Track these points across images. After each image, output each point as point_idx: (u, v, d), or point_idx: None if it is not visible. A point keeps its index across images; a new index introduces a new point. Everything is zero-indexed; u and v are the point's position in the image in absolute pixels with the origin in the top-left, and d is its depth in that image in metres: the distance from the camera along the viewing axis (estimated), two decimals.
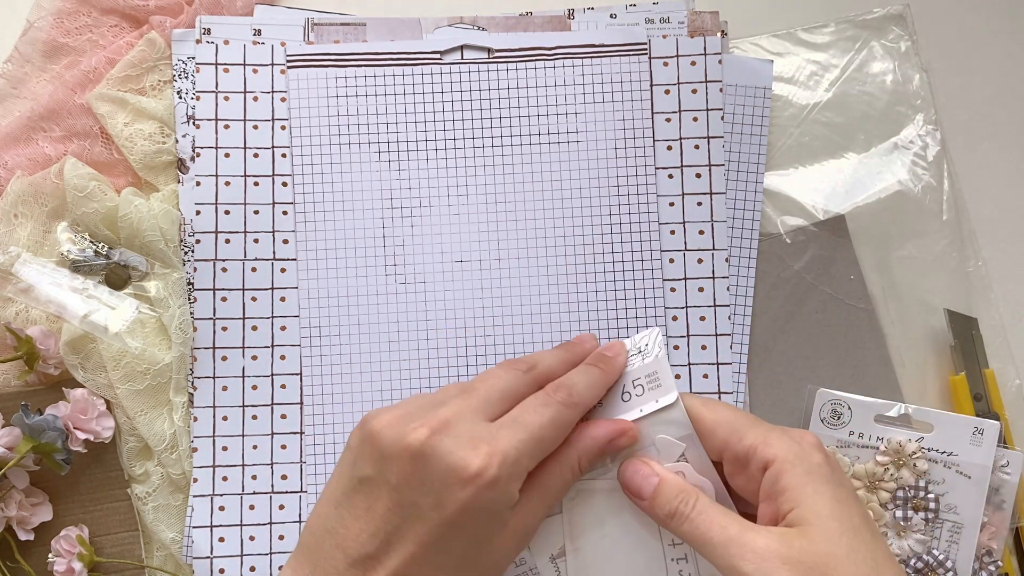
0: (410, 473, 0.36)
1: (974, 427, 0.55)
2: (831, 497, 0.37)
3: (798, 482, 0.37)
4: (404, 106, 0.59)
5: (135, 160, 0.58)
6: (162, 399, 0.56)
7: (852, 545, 0.36)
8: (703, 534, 0.37)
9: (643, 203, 0.59)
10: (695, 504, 0.38)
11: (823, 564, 0.35)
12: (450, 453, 0.36)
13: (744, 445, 0.39)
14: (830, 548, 0.35)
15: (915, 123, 0.62)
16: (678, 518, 0.38)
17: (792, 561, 0.35)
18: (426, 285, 0.58)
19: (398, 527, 0.36)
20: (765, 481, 0.38)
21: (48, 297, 0.55)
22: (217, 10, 0.59)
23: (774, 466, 0.38)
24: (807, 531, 0.36)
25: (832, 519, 0.36)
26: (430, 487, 0.36)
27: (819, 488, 0.37)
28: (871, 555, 0.36)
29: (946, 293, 0.60)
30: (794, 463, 0.37)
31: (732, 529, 0.37)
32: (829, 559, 0.35)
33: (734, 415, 0.40)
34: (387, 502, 0.36)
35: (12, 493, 0.53)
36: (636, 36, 0.60)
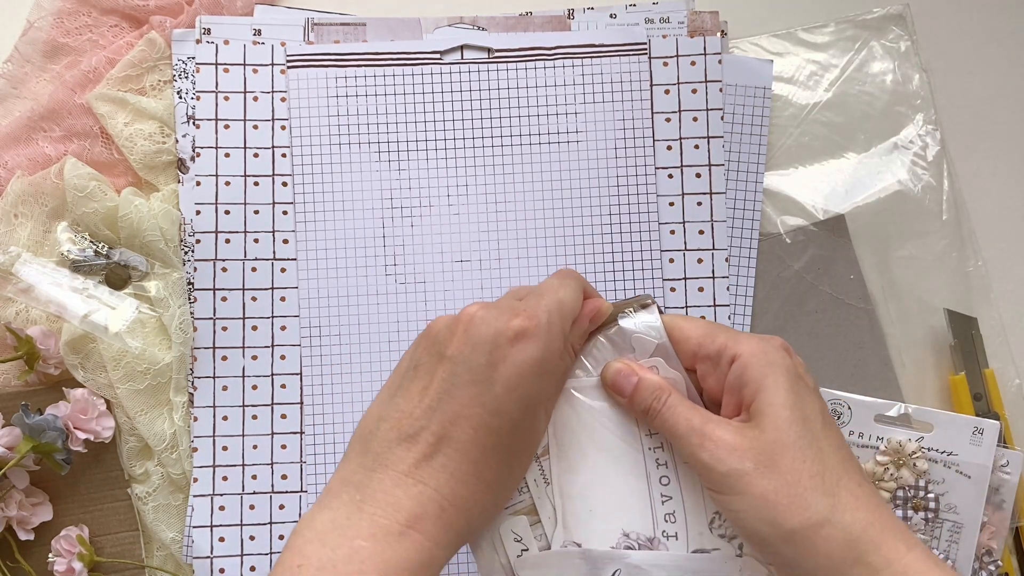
0: (462, 341, 0.38)
1: (974, 427, 0.55)
2: (787, 389, 0.39)
3: (759, 374, 0.40)
4: (404, 106, 0.59)
5: (135, 160, 0.58)
6: (162, 399, 0.56)
7: (799, 433, 0.38)
8: (671, 426, 0.40)
9: (643, 203, 0.59)
10: (666, 400, 0.41)
11: (770, 451, 0.38)
12: (495, 319, 0.38)
13: (716, 344, 0.41)
14: (778, 436, 0.38)
15: (915, 123, 0.62)
16: (651, 413, 0.41)
17: (742, 448, 0.38)
18: (426, 285, 0.58)
19: (452, 394, 0.38)
20: (731, 374, 0.41)
21: (48, 297, 0.55)
22: (217, 10, 0.59)
23: (740, 360, 0.40)
24: (760, 421, 0.39)
25: (784, 408, 0.39)
26: (482, 348, 0.38)
27: (777, 380, 0.39)
28: (817, 443, 0.38)
29: (946, 293, 0.60)
30: (758, 356, 0.40)
31: (695, 421, 0.40)
32: (776, 446, 0.38)
33: (710, 324, 0.43)
34: (442, 373, 0.38)
35: (12, 493, 0.53)
36: (636, 36, 0.60)
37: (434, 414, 0.38)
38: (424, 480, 0.37)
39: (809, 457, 0.38)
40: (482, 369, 0.38)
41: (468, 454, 0.37)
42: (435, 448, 0.37)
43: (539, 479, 0.43)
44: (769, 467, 0.38)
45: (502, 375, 0.38)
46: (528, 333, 0.38)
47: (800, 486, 0.37)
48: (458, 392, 0.38)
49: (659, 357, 0.43)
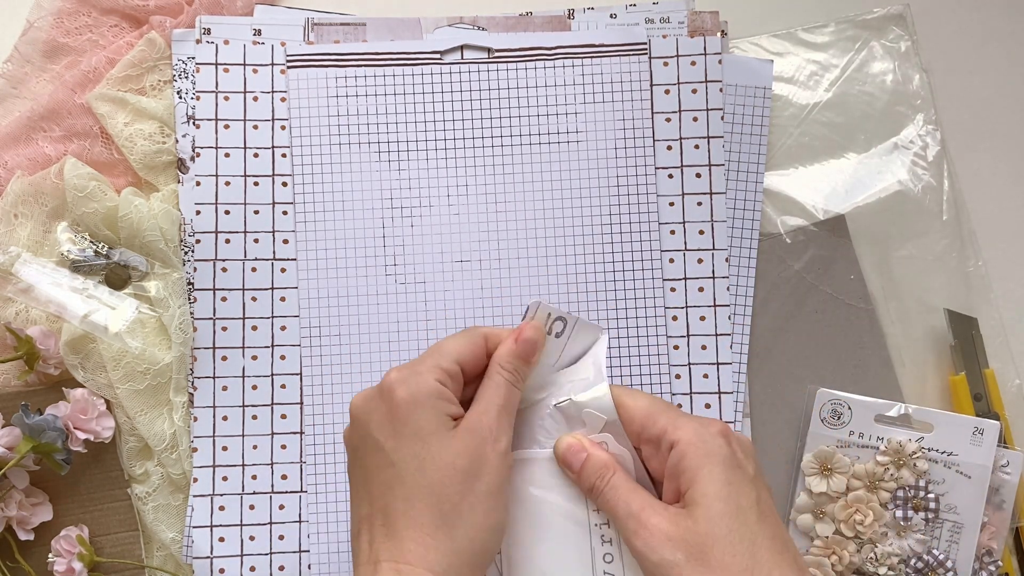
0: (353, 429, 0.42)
1: (974, 427, 0.55)
2: (722, 480, 0.39)
3: (695, 464, 0.40)
4: (404, 106, 0.59)
5: (135, 160, 0.58)
6: (162, 399, 0.56)
7: (730, 526, 0.38)
8: (612, 507, 0.41)
9: (643, 203, 0.59)
10: (610, 479, 0.41)
11: (701, 543, 0.38)
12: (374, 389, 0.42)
13: (657, 428, 0.41)
14: (710, 528, 0.38)
15: (915, 123, 0.62)
16: (595, 492, 0.42)
17: (675, 539, 0.38)
18: (426, 285, 0.58)
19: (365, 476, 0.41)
20: (669, 461, 0.41)
21: (48, 297, 0.55)
22: (217, 10, 0.59)
23: (678, 447, 0.40)
24: (694, 511, 0.39)
25: (718, 500, 0.39)
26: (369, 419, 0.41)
27: (712, 470, 0.39)
28: (750, 536, 0.38)
29: (946, 293, 0.60)
30: (696, 445, 0.40)
31: (634, 505, 0.40)
32: (707, 539, 0.38)
33: (652, 402, 0.43)
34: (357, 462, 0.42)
35: (12, 493, 0.53)
36: (636, 36, 0.60)
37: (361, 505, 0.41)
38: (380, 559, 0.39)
39: (740, 551, 0.38)
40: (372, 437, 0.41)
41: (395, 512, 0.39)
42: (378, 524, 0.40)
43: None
44: (700, 560, 0.38)
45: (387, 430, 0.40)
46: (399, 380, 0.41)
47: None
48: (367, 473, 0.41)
49: (608, 433, 0.43)
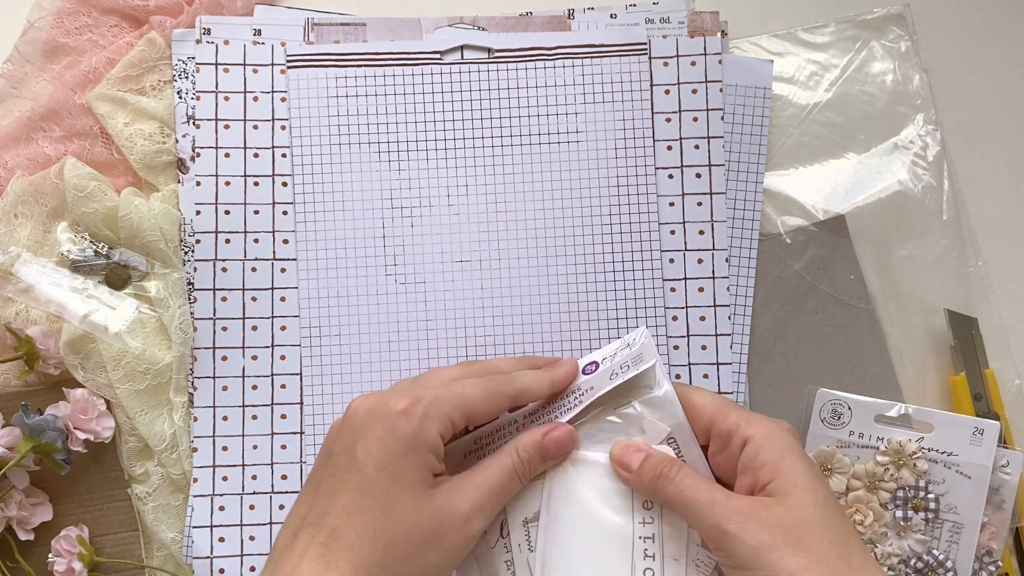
0: (346, 434, 0.39)
1: (974, 427, 0.55)
2: (807, 472, 0.40)
3: (777, 456, 0.40)
4: (404, 106, 0.59)
5: (135, 160, 0.58)
6: (162, 399, 0.56)
7: (823, 515, 0.39)
8: (689, 496, 0.40)
9: (643, 203, 0.59)
10: (680, 469, 0.41)
11: (798, 529, 0.38)
12: (378, 404, 0.39)
13: (728, 422, 0.41)
14: (805, 515, 0.38)
15: (915, 123, 0.62)
16: (663, 480, 0.40)
17: (771, 524, 0.38)
18: (426, 285, 0.58)
19: (334, 487, 0.39)
20: (745, 455, 0.41)
21: (48, 297, 0.55)
22: (217, 10, 0.59)
23: (754, 442, 0.40)
24: (785, 500, 0.39)
25: (808, 490, 0.39)
26: (360, 434, 0.39)
27: (795, 463, 0.40)
28: (839, 525, 0.39)
29: (946, 293, 0.60)
30: (773, 440, 0.40)
31: (716, 493, 0.40)
32: (804, 525, 0.38)
33: (719, 398, 0.43)
34: (330, 468, 0.39)
35: (12, 493, 0.53)
36: (636, 36, 0.60)
37: (320, 507, 0.38)
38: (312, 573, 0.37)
39: (834, 539, 0.38)
40: (356, 454, 0.38)
41: (345, 540, 0.37)
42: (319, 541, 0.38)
43: (523, 544, 0.42)
44: (798, 545, 0.37)
45: (372, 454, 0.38)
46: (404, 412, 0.39)
47: (829, 566, 0.37)
48: (336, 484, 0.38)
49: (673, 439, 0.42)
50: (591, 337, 0.57)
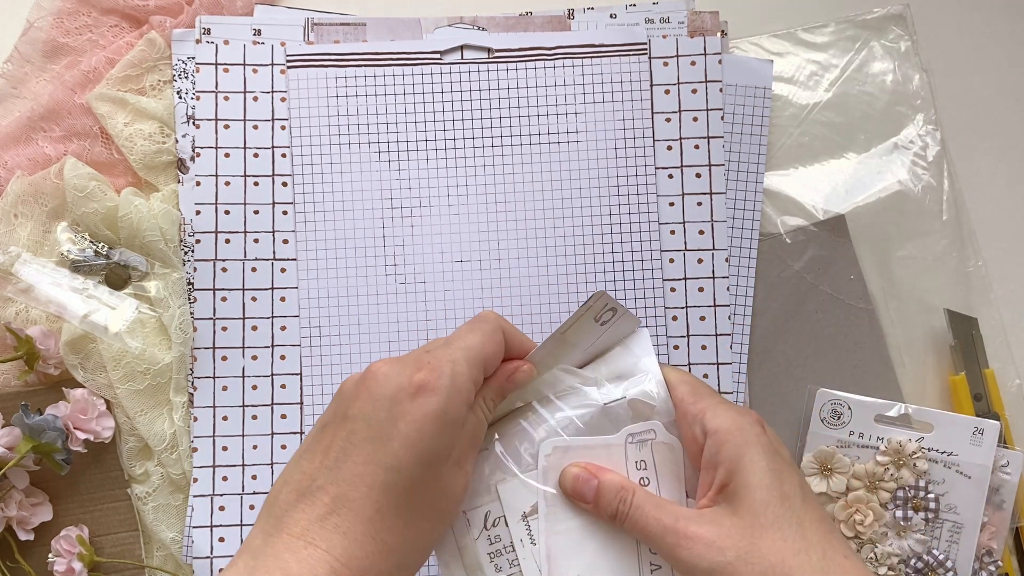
0: (365, 400, 0.38)
1: (974, 427, 0.55)
2: (762, 468, 0.38)
3: (735, 454, 0.39)
4: (404, 106, 0.59)
5: (135, 160, 0.58)
6: (162, 399, 0.56)
7: (777, 512, 0.38)
8: (642, 528, 0.39)
9: (643, 203, 0.59)
10: (632, 500, 0.40)
11: (750, 536, 0.37)
12: (398, 374, 0.38)
13: (698, 407, 0.41)
14: (755, 519, 0.37)
15: (915, 123, 0.62)
16: (619, 518, 0.40)
17: (720, 539, 0.37)
18: (426, 285, 0.58)
19: (349, 453, 0.37)
20: (706, 451, 0.40)
21: (48, 297, 0.55)
22: (217, 10, 0.59)
23: (715, 436, 0.39)
24: (737, 505, 0.38)
25: (760, 489, 0.38)
26: (382, 404, 0.37)
27: (753, 459, 0.39)
28: (797, 519, 0.38)
29: (946, 293, 0.60)
30: (734, 433, 0.39)
31: (667, 520, 0.39)
32: (755, 529, 0.37)
33: (692, 380, 0.42)
34: (343, 432, 0.38)
35: (12, 493, 0.53)
36: (636, 36, 0.60)
37: (331, 473, 0.37)
38: (316, 542, 0.36)
39: (790, 535, 0.37)
40: (381, 425, 0.37)
41: (362, 513, 0.36)
42: (330, 508, 0.36)
43: (525, 539, 0.41)
44: (750, 553, 0.37)
45: (400, 431, 0.37)
46: (429, 387, 0.37)
47: (786, 565, 0.37)
48: (355, 451, 0.37)
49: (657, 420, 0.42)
50: None
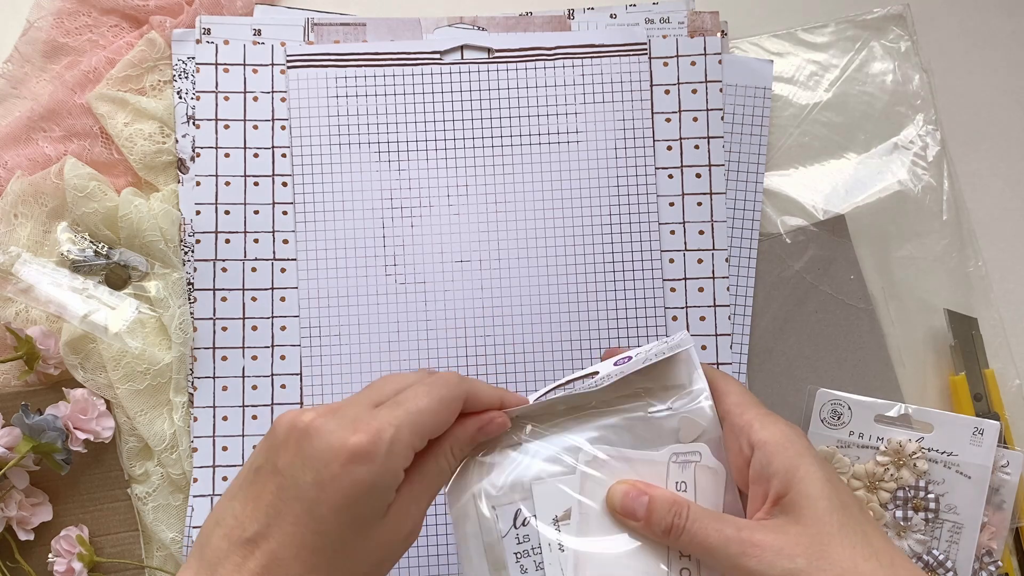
0: (294, 454, 0.37)
1: (974, 427, 0.55)
2: (820, 478, 0.38)
3: (789, 465, 0.39)
4: (404, 106, 0.59)
5: (135, 160, 0.58)
6: (162, 399, 0.56)
7: (842, 521, 0.38)
8: (702, 541, 0.38)
9: (643, 203, 0.59)
10: (688, 514, 0.39)
11: (819, 544, 0.37)
12: (331, 433, 0.36)
13: (744, 419, 0.40)
14: (822, 528, 0.37)
15: (915, 123, 0.62)
16: (675, 532, 0.39)
17: (790, 548, 0.37)
18: (426, 285, 0.58)
19: (279, 509, 0.36)
20: (755, 463, 0.39)
21: (48, 297, 0.55)
22: (217, 10, 0.59)
23: (764, 448, 0.39)
24: (800, 516, 0.38)
25: (822, 499, 0.38)
26: (311, 465, 0.36)
27: (808, 471, 0.38)
28: (860, 528, 0.38)
29: (946, 293, 0.60)
30: (784, 446, 0.39)
31: (728, 530, 0.38)
32: (824, 538, 0.37)
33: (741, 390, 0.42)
34: (273, 486, 0.37)
35: (12, 493, 0.53)
36: (636, 36, 0.60)
37: (262, 528, 0.36)
38: None
39: (856, 542, 0.37)
40: (308, 487, 0.36)
41: (291, 571, 0.36)
42: (261, 564, 0.36)
43: (554, 544, 0.40)
44: (821, 559, 0.37)
45: (328, 496, 0.36)
46: (363, 453, 0.36)
47: (858, 571, 0.36)
48: (285, 508, 0.36)
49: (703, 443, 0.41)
50: (591, 337, 0.57)
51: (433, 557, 0.55)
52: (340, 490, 0.36)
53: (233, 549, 0.36)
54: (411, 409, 0.38)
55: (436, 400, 0.39)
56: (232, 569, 0.36)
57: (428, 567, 0.55)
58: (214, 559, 0.36)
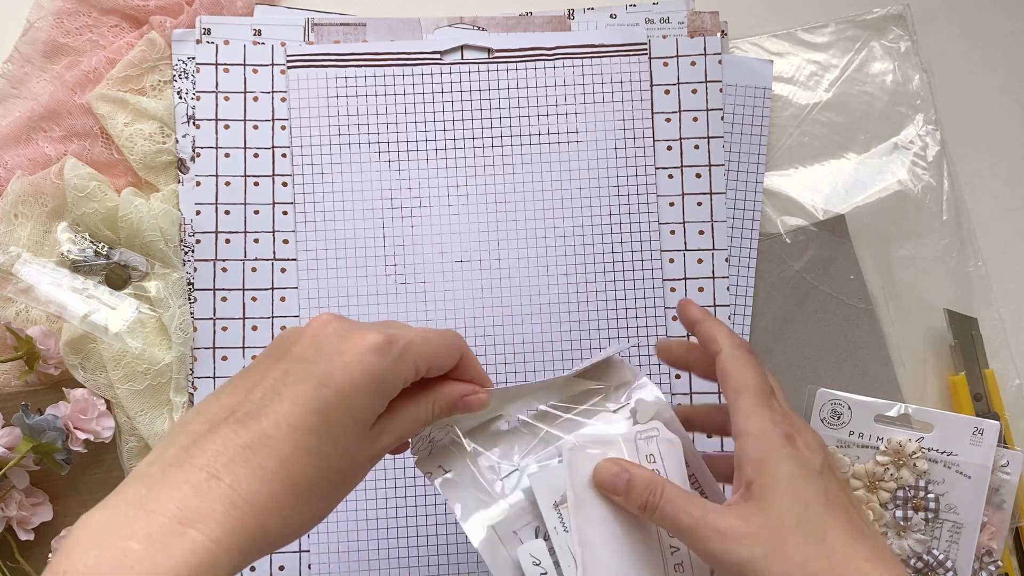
0: (310, 342, 0.37)
1: (974, 427, 0.55)
2: (787, 473, 0.40)
3: (759, 456, 0.40)
4: (404, 106, 0.59)
5: (135, 160, 0.58)
6: (162, 399, 0.56)
7: (801, 518, 0.39)
8: (672, 521, 0.41)
9: (643, 203, 0.59)
10: (662, 493, 0.41)
11: (777, 536, 0.39)
12: (349, 330, 0.37)
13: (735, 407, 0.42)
14: (783, 521, 0.39)
15: (915, 123, 0.62)
16: (649, 508, 0.41)
17: (751, 536, 0.39)
18: (426, 285, 0.58)
19: (279, 391, 0.36)
20: (735, 451, 0.42)
21: (48, 297, 0.55)
22: (217, 10, 0.59)
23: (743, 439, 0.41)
24: (764, 505, 0.39)
25: (785, 495, 0.39)
26: (325, 352, 0.36)
27: (777, 466, 0.40)
28: (820, 525, 0.39)
29: (946, 293, 0.60)
30: (759, 439, 0.41)
31: (696, 513, 0.40)
32: (782, 532, 0.39)
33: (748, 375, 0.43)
34: (278, 371, 0.36)
35: (12, 493, 0.53)
36: (636, 36, 0.60)
37: (254, 408, 0.35)
38: (220, 475, 0.33)
39: (813, 540, 0.39)
40: (317, 369, 0.36)
41: (278, 451, 0.34)
42: (245, 442, 0.34)
43: (558, 527, 0.43)
44: (777, 553, 0.38)
45: (336, 379, 0.36)
46: (378, 348, 0.37)
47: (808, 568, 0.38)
48: (286, 390, 0.36)
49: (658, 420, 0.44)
50: (591, 337, 0.57)
51: (433, 557, 0.55)
52: (351, 375, 0.36)
53: (215, 429, 0.35)
54: (421, 335, 0.39)
55: (442, 339, 0.40)
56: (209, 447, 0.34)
57: (428, 567, 0.55)
58: (187, 441, 0.34)
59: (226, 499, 0.33)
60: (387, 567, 0.55)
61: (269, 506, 0.34)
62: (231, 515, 0.33)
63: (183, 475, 0.33)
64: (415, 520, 0.56)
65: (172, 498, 0.32)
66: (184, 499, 0.32)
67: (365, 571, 0.55)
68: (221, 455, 0.34)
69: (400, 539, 0.56)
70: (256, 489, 0.33)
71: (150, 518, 0.32)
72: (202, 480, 0.33)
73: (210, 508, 0.32)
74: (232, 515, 0.33)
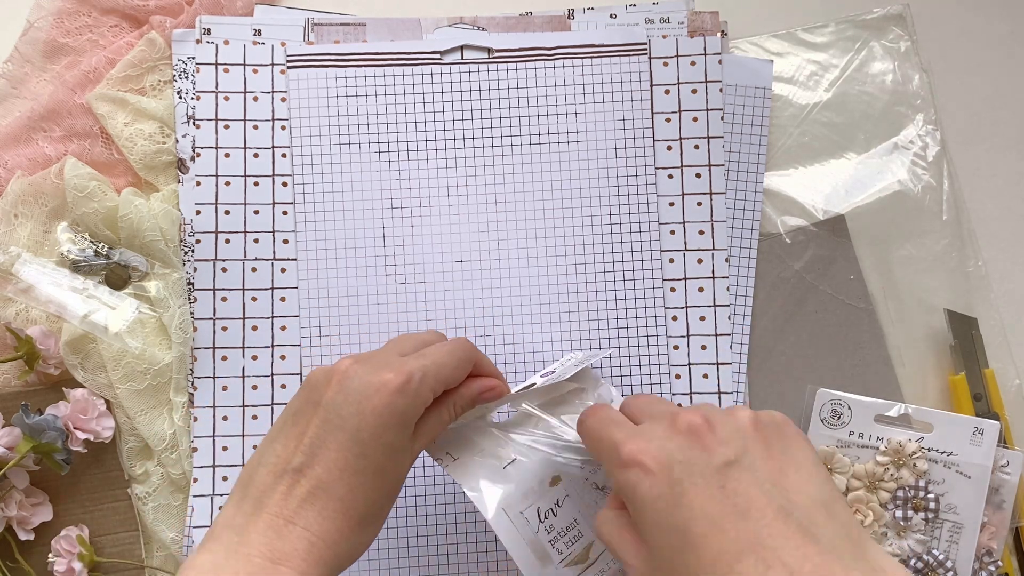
0: (337, 391, 0.42)
1: (974, 427, 0.55)
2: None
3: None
4: (404, 106, 0.59)
5: (135, 160, 0.58)
6: (162, 399, 0.56)
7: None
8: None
9: (643, 203, 0.59)
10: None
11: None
12: (369, 373, 0.42)
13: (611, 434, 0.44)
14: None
15: (915, 123, 0.62)
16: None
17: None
18: (426, 285, 0.58)
19: (323, 439, 0.41)
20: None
21: (48, 297, 0.55)
22: (217, 10, 0.59)
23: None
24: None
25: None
26: (353, 399, 0.42)
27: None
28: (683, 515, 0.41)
29: (946, 293, 0.60)
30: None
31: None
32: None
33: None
34: (317, 420, 0.42)
35: (12, 493, 0.53)
36: (636, 36, 0.60)
37: (307, 458, 0.41)
38: (295, 520, 0.40)
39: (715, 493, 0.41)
40: (351, 417, 0.41)
41: (335, 493, 0.41)
42: (307, 489, 0.40)
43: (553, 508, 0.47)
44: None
45: (368, 423, 0.41)
46: (398, 389, 0.42)
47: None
48: (330, 438, 0.41)
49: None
50: (591, 337, 0.57)
51: (433, 557, 0.55)
52: (380, 418, 0.41)
53: (279, 480, 0.41)
54: (436, 361, 0.44)
55: (455, 358, 0.45)
56: (280, 497, 0.40)
57: (428, 567, 0.55)
58: (259, 492, 0.41)
59: (304, 539, 0.40)
60: (387, 567, 0.55)
61: (337, 538, 0.41)
62: (311, 552, 0.39)
63: (264, 523, 0.40)
64: (415, 519, 0.56)
65: (261, 543, 0.39)
66: (271, 543, 0.39)
67: (365, 571, 0.55)
68: (291, 502, 0.40)
69: (400, 539, 0.56)
70: (326, 527, 0.40)
71: (247, 560, 0.38)
72: (281, 526, 0.40)
73: (292, 548, 0.39)
74: (312, 552, 0.39)
